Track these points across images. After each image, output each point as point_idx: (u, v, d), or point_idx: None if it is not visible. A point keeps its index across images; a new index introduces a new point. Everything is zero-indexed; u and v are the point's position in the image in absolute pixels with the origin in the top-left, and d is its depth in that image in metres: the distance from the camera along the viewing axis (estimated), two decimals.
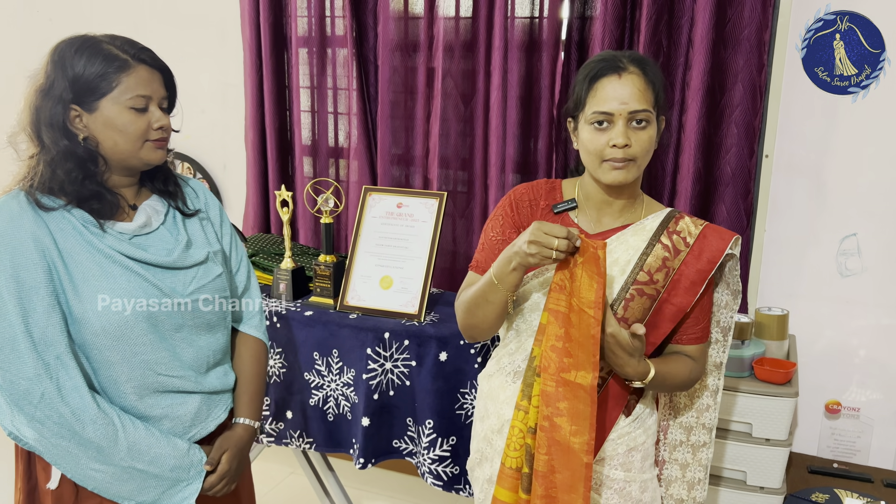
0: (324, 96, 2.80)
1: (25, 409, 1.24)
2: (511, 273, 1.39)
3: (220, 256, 1.50)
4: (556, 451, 1.33)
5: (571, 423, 1.33)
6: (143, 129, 1.33)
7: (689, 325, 1.49)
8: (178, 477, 1.38)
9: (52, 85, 1.28)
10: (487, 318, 1.49)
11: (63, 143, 1.29)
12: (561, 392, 1.34)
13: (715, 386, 1.61)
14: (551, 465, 1.34)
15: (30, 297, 1.24)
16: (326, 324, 2.07)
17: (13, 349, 1.23)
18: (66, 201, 1.30)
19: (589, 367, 1.33)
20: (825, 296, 2.31)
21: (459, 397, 1.97)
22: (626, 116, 1.38)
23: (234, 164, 3.07)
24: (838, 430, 2.34)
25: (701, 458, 1.63)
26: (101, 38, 1.32)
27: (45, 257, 1.26)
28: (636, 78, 1.39)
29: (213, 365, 1.47)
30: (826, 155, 2.25)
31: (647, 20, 2.23)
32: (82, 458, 1.29)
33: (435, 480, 2.00)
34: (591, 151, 1.42)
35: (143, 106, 1.32)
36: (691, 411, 1.63)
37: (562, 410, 1.33)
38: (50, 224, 1.28)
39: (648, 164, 2.31)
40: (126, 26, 3.08)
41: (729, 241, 1.46)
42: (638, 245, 1.46)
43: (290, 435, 2.16)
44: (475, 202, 2.62)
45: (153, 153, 1.36)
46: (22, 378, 1.23)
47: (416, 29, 2.59)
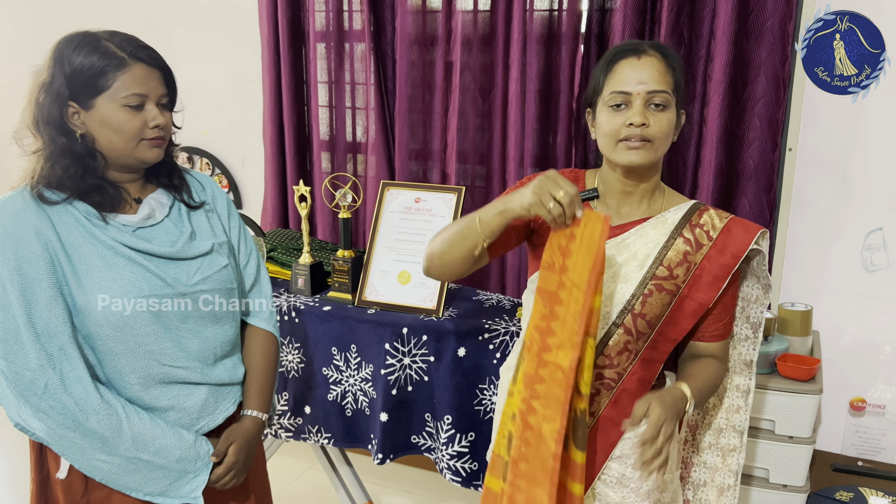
0: (341, 91, 2.80)
1: (31, 400, 1.25)
2: (496, 215, 1.33)
3: (227, 248, 1.50)
4: (530, 436, 1.28)
5: (545, 408, 1.27)
6: (139, 128, 1.32)
7: (711, 322, 1.46)
8: (185, 468, 1.38)
9: (51, 81, 1.29)
10: (452, 254, 1.41)
11: (61, 139, 1.30)
12: (540, 374, 1.28)
13: (746, 386, 1.55)
14: (520, 451, 1.29)
15: (32, 289, 1.25)
16: (345, 319, 2.07)
17: (17, 340, 1.25)
18: (69, 195, 1.31)
19: (570, 346, 1.25)
20: (850, 291, 2.27)
21: (478, 393, 1.96)
22: (644, 97, 1.34)
23: (253, 159, 3.08)
24: (863, 427, 2.31)
25: (731, 463, 1.56)
26: (100, 35, 1.31)
27: (47, 250, 1.27)
28: (655, 61, 1.36)
29: (220, 357, 1.47)
30: (851, 148, 2.21)
31: (668, 11, 2.20)
32: (87, 448, 1.29)
33: (454, 476, 1.99)
34: (607, 133, 1.37)
35: (138, 104, 1.31)
36: (721, 412, 1.57)
37: (538, 393, 1.28)
38: (53, 217, 1.29)
39: (669, 158, 2.32)
40: (145, 22, 3.09)
41: (755, 235, 1.41)
42: (658, 239, 1.42)
43: (309, 430, 2.17)
44: (493, 197, 2.60)
45: (149, 152, 1.35)
46: (26, 369, 1.24)
47: (433, 23, 2.58)
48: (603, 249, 1.26)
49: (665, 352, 1.44)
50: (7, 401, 1.27)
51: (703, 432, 1.60)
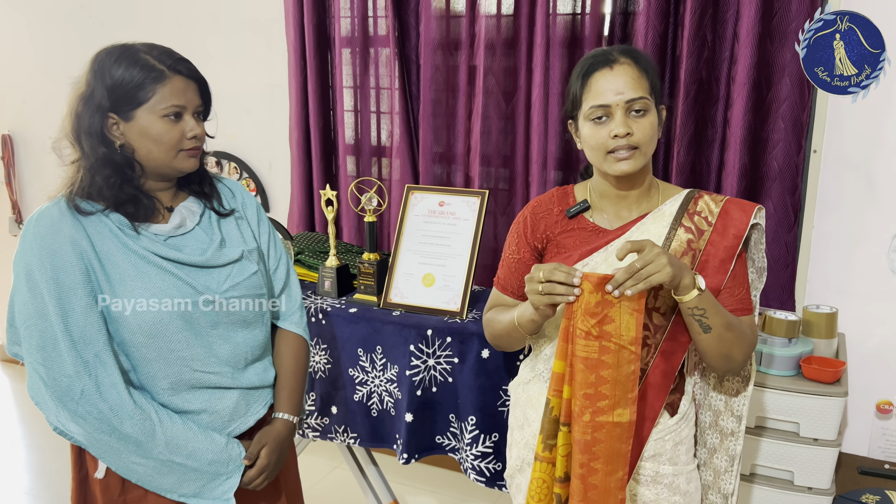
0: (366, 96, 2.83)
1: (68, 405, 1.29)
2: (530, 322, 1.44)
3: (256, 255, 1.53)
4: (594, 494, 1.33)
5: (607, 464, 1.32)
6: (178, 139, 1.36)
7: (724, 298, 1.45)
8: (217, 471, 1.41)
9: (91, 93, 1.33)
10: (512, 346, 1.60)
11: (101, 150, 1.34)
12: (597, 437, 1.31)
13: (746, 372, 1.56)
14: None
15: (69, 297, 1.29)
16: (370, 321, 2.10)
17: (54, 348, 1.28)
18: (104, 206, 1.35)
19: (626, 403, 1.31)
20: (876, 293, 2.26)
21: (502, 394, 1.99)
22: (623, 107, 1.39)
23: (280, 163, 3.13)
24: (890, 430, 2.29)
25: (728, 446, 1.58)
26: (139, 48, 1.35)
27: (82, 260, 1.31)
28: (628, 68, 1.40)
29: (251, 361, 1.50)
30: (876, 149, 2.20)
31: (691, 14, 2.21)
32: (123, 451, 1.33)
33: (478, 476, 2.02)
34: (593, 147, 1.43)
35: (177, 115, 1.35)
36: (721, 394, 1.59)
37: (598, 454, 1.32)
38: (88, 228, 1.33)
39: (693, 160, 2.32)
40: (176, 30, 3.15)
41: (752, 212, 1.45)
42: (659, 232, 1.45)
43: (335, 430, 2.20)
44: (517, 199, 2.62)
45: (186, 161, 1.39)
46: (63, 375, 1.28)
47: (457, 27, 2.60)
48: (643, 309, 1.30)
49: (684, 342, 1.45)
50: (47, 406, 1.31)
51: (705, 413, 1.62)
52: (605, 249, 1.48)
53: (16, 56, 3.66)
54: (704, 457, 1.62)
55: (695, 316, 1.36)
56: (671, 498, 1.48)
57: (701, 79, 2.27)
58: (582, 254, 1.50)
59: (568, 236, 1.54)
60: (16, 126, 3.76)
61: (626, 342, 1.30)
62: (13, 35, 3.65)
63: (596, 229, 1.52)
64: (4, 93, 3.75)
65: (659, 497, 1.48)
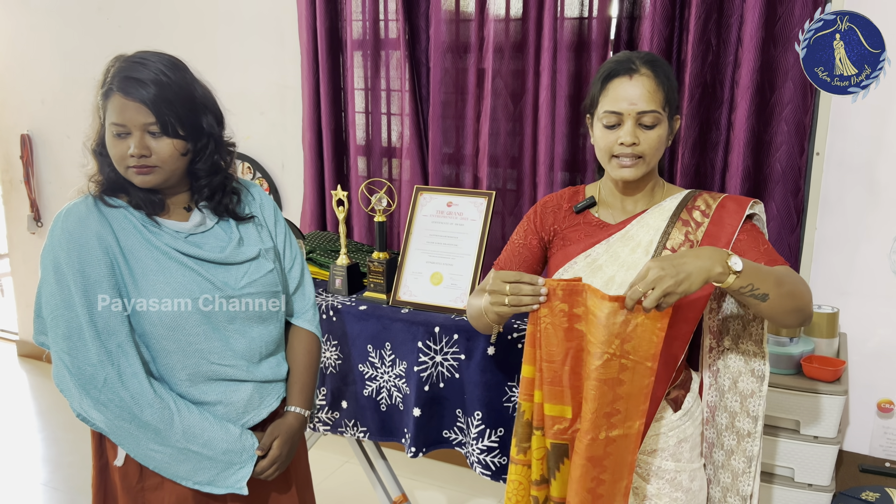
0: (377, 97, 2.88)
1: (91, 393, 1.34)
2: (494, 315, 1.47)
3: (272, 254, 1.57)
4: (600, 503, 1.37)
5: (614, 474, 1.35)
6: (122, 155, 1.37)
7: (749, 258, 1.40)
8: (231, 460, 1.45)
9: (95, 97, 1.41)
10: (484, 330, 1.65)
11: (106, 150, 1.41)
12: (609, 450, 1.34)
13: (760, 371, 1.55)
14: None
15: (94, 290, 1.35)
16: (380, 318, 2.15)
17: (80, 337, 1.34)
18: (127, 201, 1.42)
19: (637, 415, 1.34)
20: (878, 294, 2.29)
21: (507, 390, 2.03)
22: (634, 117, 1.44)
23: (292, 163, 3.18)
24: (891, 429, 2.32)
25: (745, 448, 1.57)
26: (117, 59, 1.39)
27: (108, 254, 1.36)
28: (646, 80, 1.44)
29: (265, 355, 1.54)
30: (878, 152, 2.22)
31: (696, 19, 2.24)
32: (142, 438, 1.38)
33: (483, 470, 2.06)
34: (601, 148, 1.50)
35: (119, 133, 1.36)
36: (735, 395, 1.58)
37: (607, 466, 1.35)
38: (113, 223, 1.39)
39: (697, 162, 2.36)
40: (192, 34, 3.21)
41: (747, 204, 1.49)
42: (658, 225, 1.51)
43: (345, 424, 2.25)
44: (524, 200, 2.66)
45: (135, 178, 1.39)
46: (87, 364, 1.34)
47: (466, 31, 2.65)
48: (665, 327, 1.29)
49: (686, 332, 1.47)
50: (71, 393, 1.37)
51: (721, 414, 1.61)
52: (605, 241, 1.54)
53: (35, 58, 3.74)
54: (722, 459, 1.60)
55: (745, 294, 1.33)
56: (673, 494, 1.51)
57: (705, 82, 2.31)
58: (585, 246, 1.56)
59: (574, 230, 1.61)
60: (35, 126, 3.84)
61: (644, 357, 1.31)
62: (33, 37, 3.72)
63: (600, 223, 1.59)
64: (24, 93, 3.83)
65: (660, 492, 1.51)
